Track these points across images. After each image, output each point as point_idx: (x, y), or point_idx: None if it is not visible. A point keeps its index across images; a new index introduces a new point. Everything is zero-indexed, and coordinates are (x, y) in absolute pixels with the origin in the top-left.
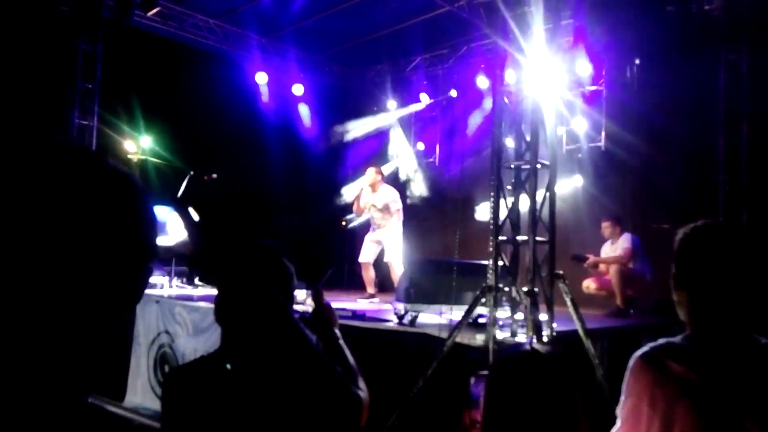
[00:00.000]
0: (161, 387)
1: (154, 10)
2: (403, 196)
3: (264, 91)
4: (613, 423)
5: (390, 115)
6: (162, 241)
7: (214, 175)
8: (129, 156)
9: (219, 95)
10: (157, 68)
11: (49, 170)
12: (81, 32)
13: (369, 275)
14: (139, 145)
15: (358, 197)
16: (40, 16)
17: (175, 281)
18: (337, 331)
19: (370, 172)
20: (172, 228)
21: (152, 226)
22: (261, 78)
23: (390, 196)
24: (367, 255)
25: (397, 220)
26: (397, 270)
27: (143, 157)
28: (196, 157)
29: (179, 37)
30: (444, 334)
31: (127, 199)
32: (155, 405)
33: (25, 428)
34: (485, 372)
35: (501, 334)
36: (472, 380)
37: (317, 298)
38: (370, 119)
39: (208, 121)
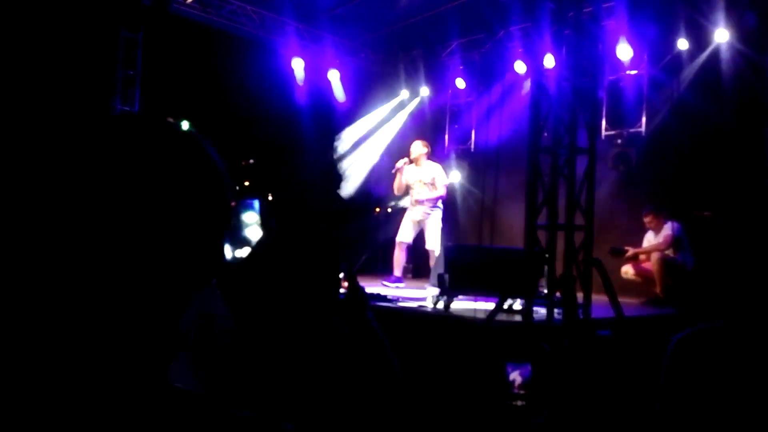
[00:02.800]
0: None
1: None
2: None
3: (300, 76)
4: (652, 408)
5: (424, 101)
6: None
7: (251, 161)
8: None
9: (256, 81)
10: (195, 55)
11: (129, 139)
12: (122, 20)
13: (401, 257)
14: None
15: (399, 172)
16: (84, 5)
17: None
18: (370, 314)
19: (417, 145)
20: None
21: (228, 187)
22: (297, 64)
23: (437, 170)
24: (405, 234)
25: (440, 201)
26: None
27: None
28: (233, 142)
29: (217, 24)
30: (479, 320)
31: (206, 161)
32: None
33: (113, 402)
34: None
35: (537, 321)
36: (509, 367)
37: (351, 281)
38: (401, 104)
39: (245, 107)
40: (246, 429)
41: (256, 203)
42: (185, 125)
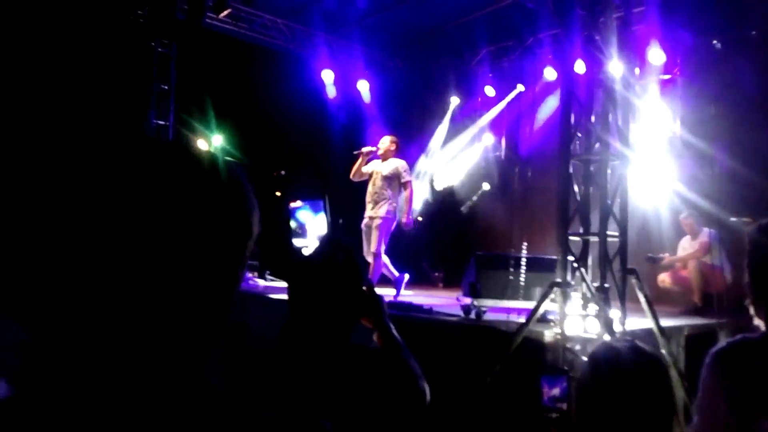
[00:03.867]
0: None
1: (225, 12)
2: (470, 191)
3: (330, 88)
4: (690, 420)
5: (454, 110)
6: (300, 242)
7: (282, 172)
8: None
9: (286, 93)
10: (228, 68)
11: (158, 164)
12: (156, 35)
13: (380, 265)
14: (210, 143)
15: (362, 156)
16: (120, 22)
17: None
18: (390, 323)
19: (386, 139)
20: (311, 229)
21: (250, 204)
22: (327, 75)
23: (401, 164)
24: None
25: (395, 201)
26: (375, 265)
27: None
28: (265, 154)
29: (249, 38)
30: (512, 329)
31: (227, 181)
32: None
33: (157, 403)
34: (559, 370)
35: (571, 331)
36: (543, 381)
37: (369, 290)
38: (433, 116)
39: (276, 119)
40: (285, 426)
41: (320, 205)
42: (216, 139)
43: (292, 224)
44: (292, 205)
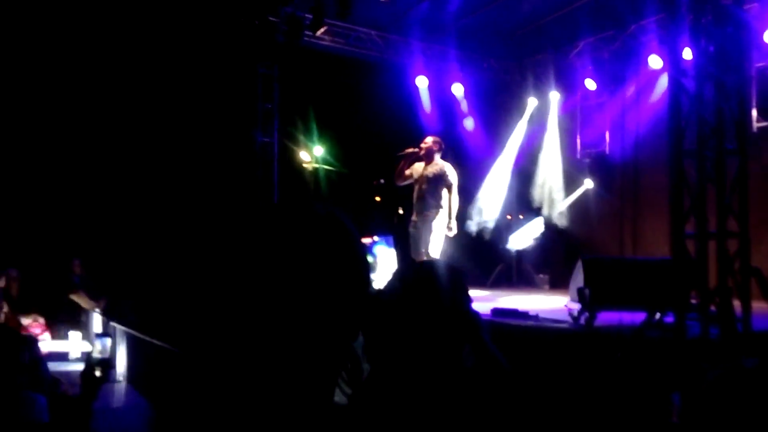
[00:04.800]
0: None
1: (322, 29)
2: (570, 190)
3: (425, 95)
4: None
5: (553, 105)
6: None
7: (382, 180)
8: (304, 165)
9: (383, 102)
10: (326, 82)
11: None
12: (259, 58)
13: None
14: (312, 154)
15: (407, 158)
16: (226, 48)
17: None
18: (487, 337)
19: (429, 140)
20: (381, 264)
21: (367, 264)
22: (421, 82)
23: (447, 168)
24: (417, 246)
25: (445, 204)
26: None
27: (316, 166)
28: (363, 163)
29: (345, 52)
30: (625, 337)
31: (351, 245)
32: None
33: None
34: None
35: (690, 337)
36: (669, 394)
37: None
38: (530, 113)
39: (373, 128)
40: None
41: (390, 240)
42: (318, 150)
43: (369, 259)
44: (367, 240)
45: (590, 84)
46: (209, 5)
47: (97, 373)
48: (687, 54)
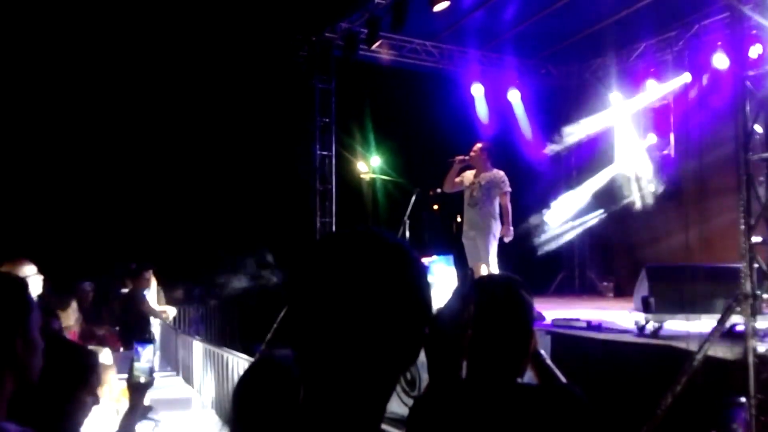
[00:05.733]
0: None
1: (377, 43)
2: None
3: (480, 102)
4: None
5: (614, 109)
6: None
7: (439, 190)
8: (361, 176)
9: (438, 112)
10: (382, 94)
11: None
12: (316, 73)
13: None
14: (369, 165)
15: (455, 164)
16: (284, 65)
17: None
18: (543, 352)
19: (477, 147)
20: (439, 282)
21: (429, 292)
22: (477, 90)
23: (498, 175)
24: (473, 257)
25: (498, 212)
26: None
27: (373, 176)
28: (420, 173)
29: (400, 64)
30: (693, 347)
31: (415, 274)
32: (402, 410)
33: None
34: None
35: (762, 347)
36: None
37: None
38: (591, 118)
39: (429, 137)
40: None
41: (450, 259)
42: (375, 161)
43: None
44: (427, 260)
45: (652, 85)
46: (268, 24)
47: (142, 380)
48: (753, 53)
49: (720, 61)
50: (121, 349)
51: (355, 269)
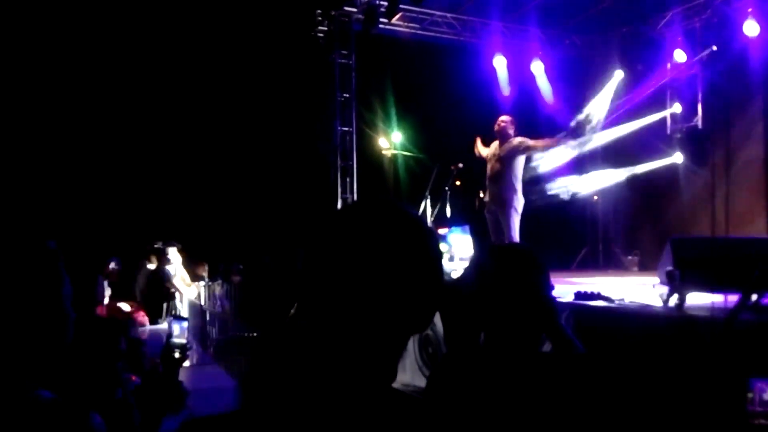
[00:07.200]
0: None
1: (397, 16)
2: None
3: (503, 74)
4: None
5: (639, 78)
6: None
7: (461, 165)
8: (383, 152)
9: (460, 85)
10: (403, 68)
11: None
12: (336, 48)
13: None
14: (391, 141)
15: (478, 141)
16: (303, 42)
17: None
18: (563, 321)
19: (501, 119)
20: (457, 252)
21: (440, 259)
22: (499, 62)
23: (516, 140)
24: (497, 231)
25: (516, 183)
26: None
27: (395, 152)
28: (441, 148)
29: (420, 37)
30: (718, 321)
31: (427, 243)
32: (422, 383)
33: (357, 404)
34: None
35: None
36: (753, 382)
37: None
38: (611, 88)
39: (451, 112)
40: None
41: (466, 228)
42: (396, 137)
43: (443, 248)
44: (443, 230)
45: (680, 56)
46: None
47: (176, 355)
48: None
49: (751, 28)
50: (147, 325)
51: (369, 234)
